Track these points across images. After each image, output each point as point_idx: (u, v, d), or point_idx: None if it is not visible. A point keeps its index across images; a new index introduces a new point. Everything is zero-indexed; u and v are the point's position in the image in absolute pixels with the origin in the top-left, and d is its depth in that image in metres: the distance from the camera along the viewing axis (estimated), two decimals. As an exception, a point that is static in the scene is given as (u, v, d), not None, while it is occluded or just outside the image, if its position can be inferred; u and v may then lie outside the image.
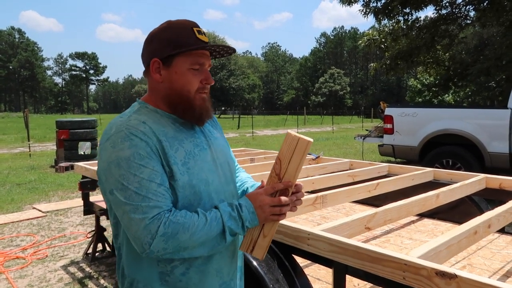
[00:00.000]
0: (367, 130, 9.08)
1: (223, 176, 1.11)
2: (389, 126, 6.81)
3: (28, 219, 5.05)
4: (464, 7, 11.11)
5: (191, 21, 1.06)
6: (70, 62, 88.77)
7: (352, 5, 10.62)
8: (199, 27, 1.06)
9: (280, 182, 1.03)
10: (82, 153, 8.93)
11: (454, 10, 11.18)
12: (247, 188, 1.23)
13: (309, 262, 2.16)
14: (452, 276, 1.10)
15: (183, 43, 1.01)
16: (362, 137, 8.37)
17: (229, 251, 1.10)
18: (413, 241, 2.61)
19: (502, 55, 10.39)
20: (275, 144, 14.67)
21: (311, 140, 1.02)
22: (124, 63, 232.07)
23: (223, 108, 65.15)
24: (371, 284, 1.72)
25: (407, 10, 10.55)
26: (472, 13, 11.18)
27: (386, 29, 11.98)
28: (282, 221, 1.61)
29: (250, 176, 1.37)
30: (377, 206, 3.04)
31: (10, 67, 74.69)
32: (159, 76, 1.04)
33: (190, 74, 1.03)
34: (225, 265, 1.09)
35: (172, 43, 1.01)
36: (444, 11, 11.19)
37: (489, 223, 1.76)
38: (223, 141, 1.19)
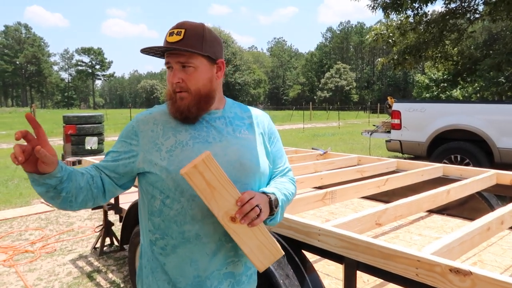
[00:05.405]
0: (374, 125, 9.03)
1: (226, 172, 1.06)
2: (396, 121, 6.74)
3: (36, 214, 5.10)
4: (474, 1, 10.93)
5: (178, 23, 1.09)
6: (76, 57, 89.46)
7: (359, -1, 10.53)
8: (176, 28, 1.07)
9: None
10: (89, 148, 8.98)
11: (463, 4, 11.00)
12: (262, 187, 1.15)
13: (317, 257, 2.15)
14: (467, 273, 1.09)
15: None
16: (370, 133, 8.31)
17: (206, 247, 1.06)
18: (423, 237, 2.59)
19: (513, 49, 10.24)
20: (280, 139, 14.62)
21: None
22: (129, 59, 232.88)
23: (228, 104, 65.01)
24: (382, 280, 1.71)
25: (416, 4, 10.41)
26: (481, 7, 11.01)
27: (394, 23, 11.84)
28: (293, 217, 1.61)
29: (289, 181, 1.22)
30: (385, 202, 3.01)
31: (17, 62, 75.19)
32: None
33: (167, 74, 1.11)
34: (201, 259, 1.06)
35: None
36: (453, 5, 11.02)
37: (502, 220, 1.73)
38: (247, 142, 1.14)
